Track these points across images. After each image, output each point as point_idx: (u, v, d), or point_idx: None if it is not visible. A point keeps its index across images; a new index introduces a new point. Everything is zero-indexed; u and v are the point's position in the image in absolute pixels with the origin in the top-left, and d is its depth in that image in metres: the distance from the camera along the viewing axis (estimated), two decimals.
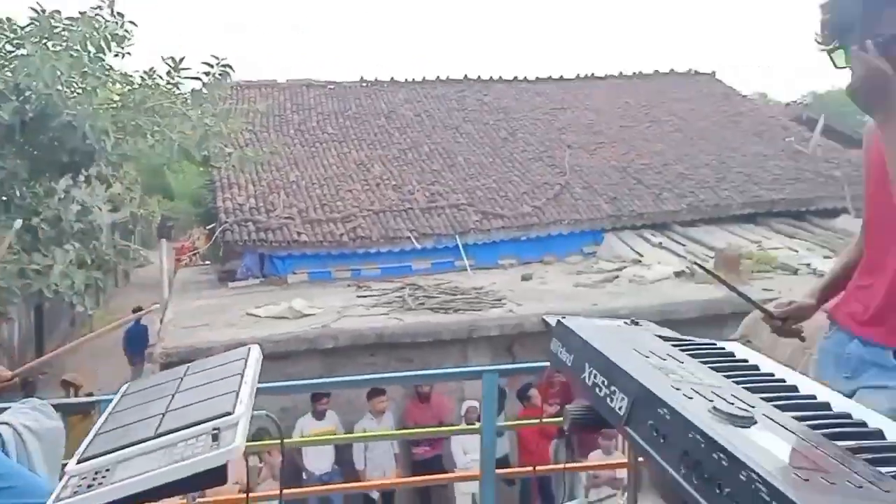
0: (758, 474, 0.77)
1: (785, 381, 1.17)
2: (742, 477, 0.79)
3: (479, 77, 15.22)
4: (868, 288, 1.94)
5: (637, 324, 1.67)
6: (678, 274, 9.12)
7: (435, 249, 10.33)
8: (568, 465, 4.58)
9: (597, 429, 1.30)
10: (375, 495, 7.09)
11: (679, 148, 12.72)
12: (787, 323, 2.11)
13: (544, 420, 2.85)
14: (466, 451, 6.74)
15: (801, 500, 0.71)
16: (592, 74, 15.74)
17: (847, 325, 1.99)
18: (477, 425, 2.87)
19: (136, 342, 11.98)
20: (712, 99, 14.69)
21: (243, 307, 8.35)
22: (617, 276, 9.38)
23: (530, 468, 4.21)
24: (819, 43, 1.88)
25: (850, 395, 1.97)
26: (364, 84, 14.73)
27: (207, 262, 11.74)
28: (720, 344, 1.42)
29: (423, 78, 15.04)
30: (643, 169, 12.04)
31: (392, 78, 14.96)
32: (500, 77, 15.33)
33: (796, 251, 9.91)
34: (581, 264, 10.37)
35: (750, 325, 2.79)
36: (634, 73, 15.84)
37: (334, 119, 13.28)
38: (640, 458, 1.06)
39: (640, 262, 9.95)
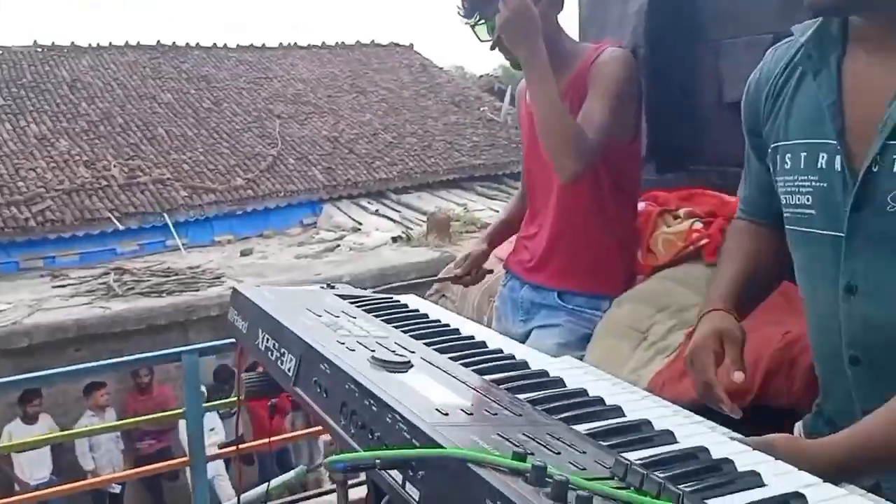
0: (400, 415, 0.79)
1: (448, 326, 1.23)
2: (388, 419, 0.81)
3: (173, 43, 14.19)
4: (532, 237, 2.13)
5: (332, 287, 1.67)
6: (395, 239, 9.47)
7: (141, 230, 9.62)
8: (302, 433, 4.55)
9: (274, 394, 1.27)
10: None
11: (386, 118, 13.09)
12: (472, 275, 2.24)
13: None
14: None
15: (433, 433, 0.74)
16: (295, 44, 15.52)
17: (518, 272, 2.18)
18: (182, 409, 2.73)
19: None
20: (412, 70, 15.28)
21: None
22: (338, 245, 9.51)
23: (265, 442, 4.11)
24: (462, 17, 1.99)
25: (526, 336, 2.18)
26: (39, 49, 12.98)
27: None
28: (397, 298, 1.46)
29: (110, 43, 13.66)
30: (354, 139, 12.23)
31: (73, 43, 13.41)
32: (198, 44, 14.46)
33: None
34: (301, 236, 10.33)
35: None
36: (337, 43, 15.91)
37: (5, 88, 11.64)
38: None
39: (359, 229, 10.16)
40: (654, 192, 2.25)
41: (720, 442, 0.82)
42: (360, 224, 10.35)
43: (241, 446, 3.49)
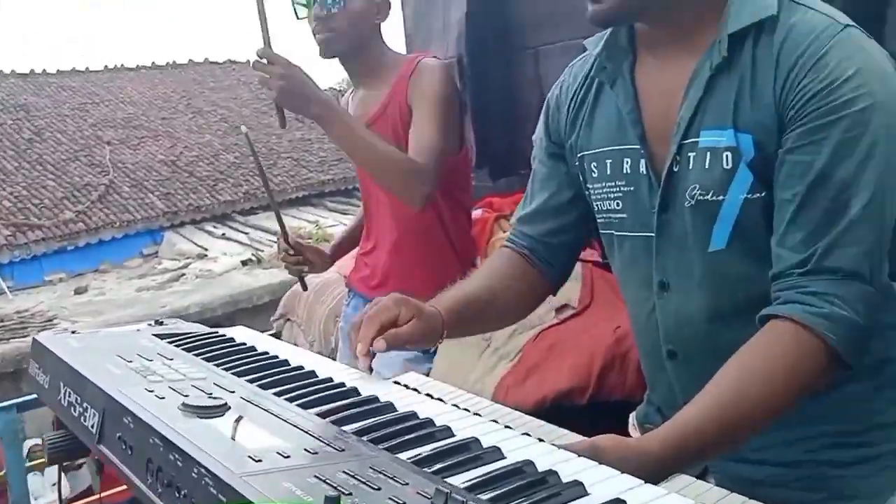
0: (205, 468, 0.72)
1: (276, 358, 1.16)
2: (194, 474, 0.73)
3: None
4: (370, 252, 2.10)
5: (161, 323, 1.55)
6: (245, 262, 9.16)
7: None
8: None
9: (82, 455, 1.15)
10: None
11: (226, 137, 12.71)
12: (296, 257, 2.10)
13: None
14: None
15: (241, 485, 0.67)
16: (122, 65, 14.77)
17: (360, 289, 2.13)
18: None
19: None
20: (251, 87, 14.91)
21: None
22: (183, 274, 9.09)
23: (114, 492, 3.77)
24: None
25: (374, 354, 2.13)
26: None
27: None
28: (223, 331, 1.37)
29: None
30: (194, 161, 11.77)
31: None
32: (13, 71, 13.45)
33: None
34: (142, 267, 9.81)
35: (288, 304, 2.86)
36: (168, 63, 15.28)
37: None
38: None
39: (205, 255, 9.76)
40: (488, 198, 2.28)
41: (546, 452, 0.81)
42: (206, 250, 9.95)
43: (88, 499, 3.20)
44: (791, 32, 0.97)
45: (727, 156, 1.00)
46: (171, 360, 1.15)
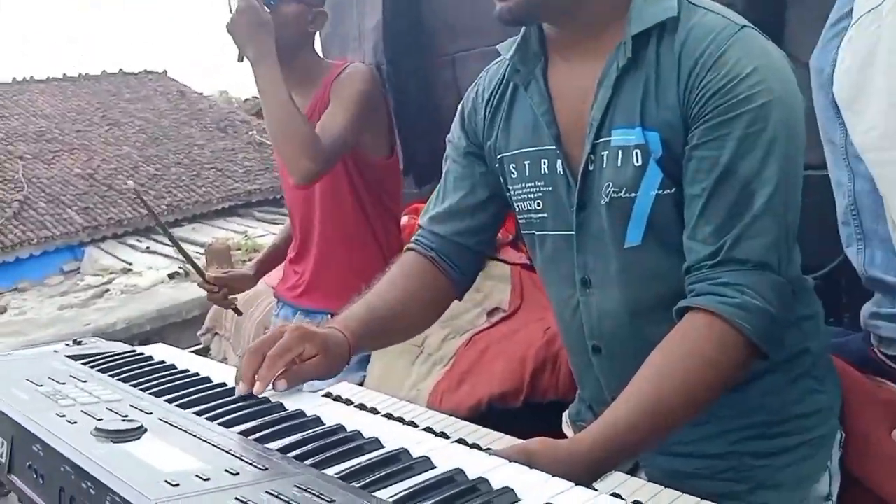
0: (119, 496, 0.68)
1: (197, 376, 1.12)
2: (107, 502, 0.70)
3: None
4: (299, 261, 2.06)
5: (79, 343, 1.48)
6: (172, 276, 8.91)
7: None
8: None
9: None
10: None
11: (146, 149, 12.37)
12: (223, 291, 2.08)
13: None
14: None
15: None
16: (32, 77, 14.18)
17: (288, 298, 2.09)
18: None
19: None
20: (169, 98, 14.57)
21: None
22: (107, 290, 8.78)
23: None
24: None
25: None
26: None
27: None
28: (141, 349, 1.32)
29: None
30: (112, 174, 11.41)
31: None
32: None
33: None
34: (64, 284, 9.43)
35: (215, 317, 2.78)
36: (81, 74, 14.75)
37: None
38: None
39: (130, 270, 9.45)
40: (415, 204, 2.27)
41: (477, 460, 0.80)
42: (131, 264, 9.64)
43: None
44: (691, 33, 1.00)
45: (637, 153, 1.02)
46: (85, 382, 1.10)
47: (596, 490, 0.76)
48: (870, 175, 1.11)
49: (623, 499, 0.77)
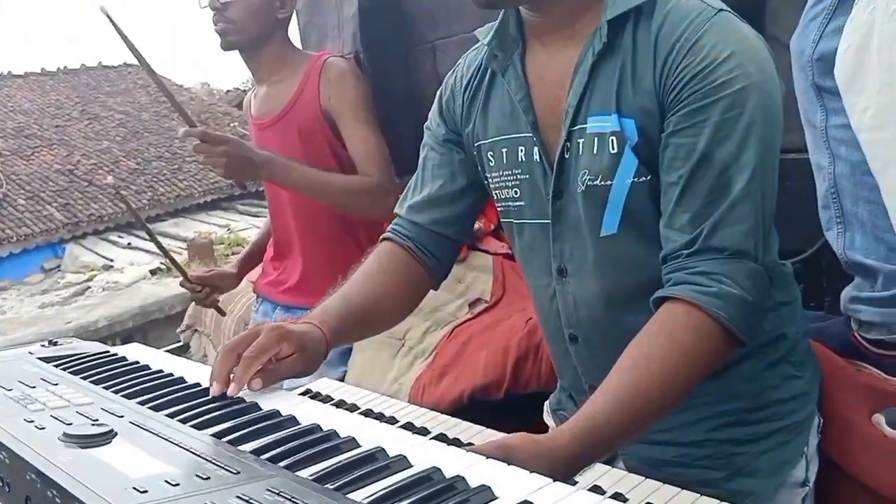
0: (81, 502, 0.66)
1: (171, 376, 1.10)
2: None
3: None
4: (281, 258, 2.04)
5: (55, 343, 1.46)
6: (154, 272, 8.85)
7: None
8: None
9: None
10: None
11: (126, 143, 12.25)
12: (205, 291, 2.06)
13: None
14: None
15: None
16: (9, 73, 14.01)
17: (269, 294, 2.07)
18: None
19: None
20: (149, 91, 14.41)
21: None
22: (88, 287, 8.71)
23: None
24: None
25: None
26: None
27: None
28: (115, 350, 1.29)
29: None
30: (93, 169, 11.29)
31: None
32: None
33: None
34: (44, 282, 9.35)
35: (194, 314, 2.75)
36: (59, 68, 14.56)
37: None
38: None
39: (111, 267, 9.38)
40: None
41: (455, 457, 0.78)
42: (112, 261, 9.57)
43: None
44: (667, 18, 0.99)
45: (612, 140, 1.01)
46: (56, 385, 1.07)
47: (575, 484, 0.75)
48: (850, 158, 1.10)
49: (603, 492, 0.77)
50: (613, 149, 1.01)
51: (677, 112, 0.97)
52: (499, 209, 1.20)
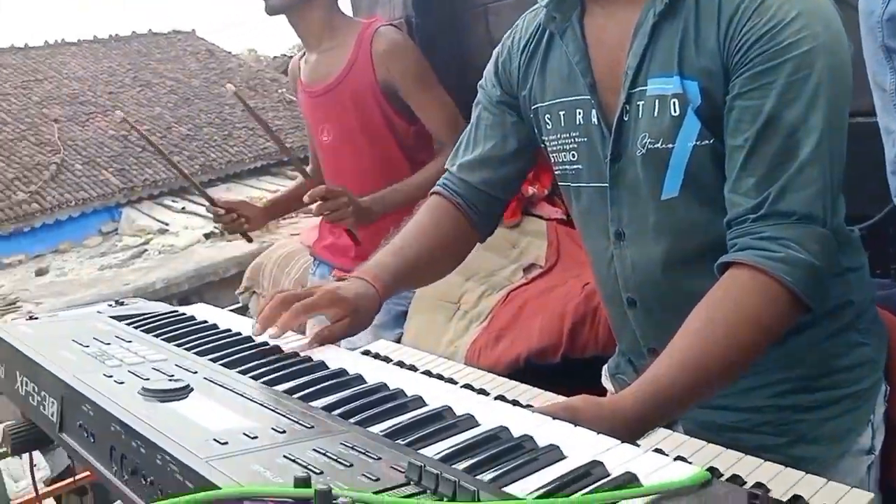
0: (169, 454, 0.69)
1: (239, 335, 1.13)
2: (158, 461, 0.71)
3: None
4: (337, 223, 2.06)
5: (121, 303, 1.51)
6: (208, 235, 9.01)
7: None
8: None
9: (43, 445, 1.12)
10: None
11: (177, 109, 12.41)
12: (229, 215, 2.06)
13: None
14: None
15: (207, 470, 0.65)
16: (63, 40, 14.25)
17: (326, 257, 2.10)
18: None
19: None
20: (198, 57, 14.55)
21: None
22: (145, 251, 8.93)
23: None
24: None
25: None
26: None
27: None
28: (183, 310, 1.33)
29: None
30: (146, 135, 11.47)
31: None
32: None
33: None
34: (102, 245, 9.60)
35: (252, 276, 2.81)
36: (111, 35, 14.77)
37: None
38: None
39: (166, 230, 9.58)
40: None
41: (521, 417, 0.80)
42: (167, 224, 9.77)
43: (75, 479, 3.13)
44: None
45: (674, 103, 1.00)
46: (130, 342, 1.12)
47: (640, 447, 0.75)
48: None
49: (666, 454, 0.77)
50: (675, 111, 1.00)
51: (743, 74, 0.95)
52: (556, 173, 1.20)
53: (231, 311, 1.94)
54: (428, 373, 1.03)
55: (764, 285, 0.92)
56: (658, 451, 0.79)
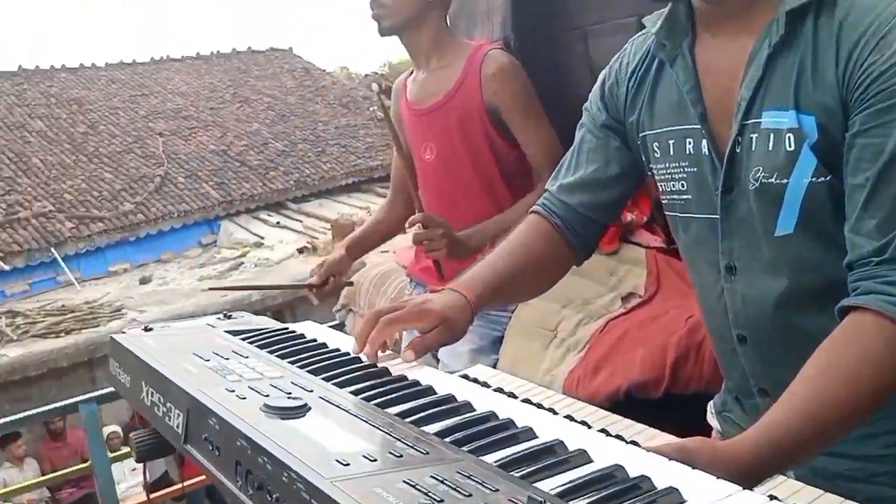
0: (295, 472, 0.72)
1: (347, 355, 1.16)
2: (284, 478, 0.74)
3: (37, 67, 13.48)
4: None
5: (230, 317, 1.58)
6: (301, 250, 9.26)
7: (28, 268, 9.09)
8: None
9: (168, 453, 1.18)
10: None
11: (274, 125, 12.84)
12: (329, 283, 2.17)
13: None
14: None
15: (333, 491, 0.67)
16: (168, 57, 14.99)
17: (423, 279, 2.13)
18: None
19: None
20: (295, 75, 15.03)
21: None
22: (242, 263, 9.24)
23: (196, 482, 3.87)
24: None
25: None
26: None
27: None
28: (293, 327, 1.38)
29: None
30: (244, 150, 11.92)
31: None
32: (63, 66, 13.72)
33: None
34: (202, 256, 9.98)
35: (348, 294, 2.87)
36: (213, 53, 15.47)
37: None
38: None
39: (262, 244, 9.89)
40: None
41: (636, 456, 0.79)
42: (263, 238, 10.09)
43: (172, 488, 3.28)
44: (851, 10, 0.94)
45: (790, 137, 0.97)
46: (247, 357, 1.16)
47: (762, 495, 0.73)
48: None
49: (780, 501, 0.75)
50: (790, 146, 0.98)
51: (863, 111, 0.92)
52: (663, 202, 1.18)
53: (330, 327, 1.99)
54: (528, 401, 1.03)
55: (890, 332, 0.89)
56: (772, 497, 0.78)
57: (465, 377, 1.13)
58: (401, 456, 0.78)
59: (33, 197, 9.92)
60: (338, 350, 1.21)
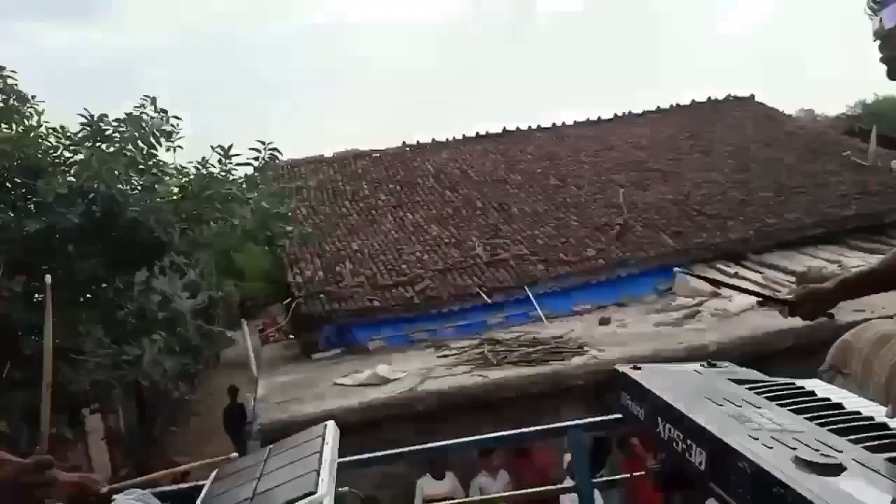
0: None
1: (873, 420, 1.11)
2: None
3: (517, 128, 15.39)
4: None
5: (714, 365, 1.62)
6: (762, 303, 8.80)
7: (506, 303, 10.25)
8: None
9: (686, 487, 1.24)
10: None
11: (733, 175, 12.48)
12: (806, 305, 2.02)
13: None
14: None
15: None
16: (630, 112, 15.69)
17: None
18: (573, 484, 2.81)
19: (235, 421, 12.66)
20: (757, 122, 14.44)
21: (329, 378, 8.44)
22: (699, 312, 9.10)
23: None
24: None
25: None
26: (407, 148, 15.11)
27: (292, 337, 11.84)
28: (800, 383, 1.36)
29: (464, 136, 15.29)
30: (702, 200, 11.82)
31: (433, 140, 15.28)
32: (539, 126, 15.41)
33: None
34: (658, 303, 10.10)
35: (837, 355, 2.65)
36: (672, 105, 15.73)
37: (385, 185, 13.52)
38: None
39: (718, 294, 9.64)
40: None
41: None
42: (719, 288, 9.84)
43: None
44: None
45: None
46: (759, 408, 1.19)
47: None
48: None
49: None
50: None
51: None
52: None
53: None
54: None
55: None
56: None
57: None
58: None
59: (512, 241, 11.22)
60: (857, 413, 1.16)
